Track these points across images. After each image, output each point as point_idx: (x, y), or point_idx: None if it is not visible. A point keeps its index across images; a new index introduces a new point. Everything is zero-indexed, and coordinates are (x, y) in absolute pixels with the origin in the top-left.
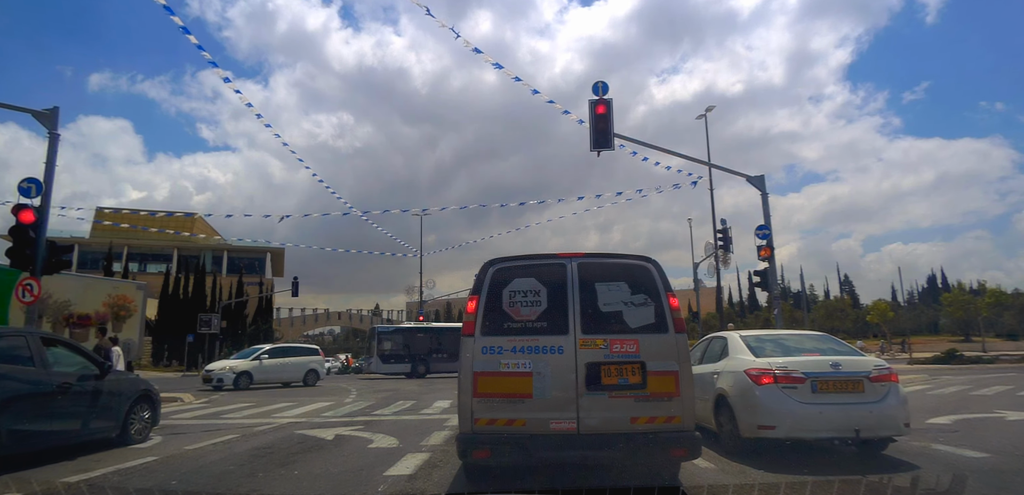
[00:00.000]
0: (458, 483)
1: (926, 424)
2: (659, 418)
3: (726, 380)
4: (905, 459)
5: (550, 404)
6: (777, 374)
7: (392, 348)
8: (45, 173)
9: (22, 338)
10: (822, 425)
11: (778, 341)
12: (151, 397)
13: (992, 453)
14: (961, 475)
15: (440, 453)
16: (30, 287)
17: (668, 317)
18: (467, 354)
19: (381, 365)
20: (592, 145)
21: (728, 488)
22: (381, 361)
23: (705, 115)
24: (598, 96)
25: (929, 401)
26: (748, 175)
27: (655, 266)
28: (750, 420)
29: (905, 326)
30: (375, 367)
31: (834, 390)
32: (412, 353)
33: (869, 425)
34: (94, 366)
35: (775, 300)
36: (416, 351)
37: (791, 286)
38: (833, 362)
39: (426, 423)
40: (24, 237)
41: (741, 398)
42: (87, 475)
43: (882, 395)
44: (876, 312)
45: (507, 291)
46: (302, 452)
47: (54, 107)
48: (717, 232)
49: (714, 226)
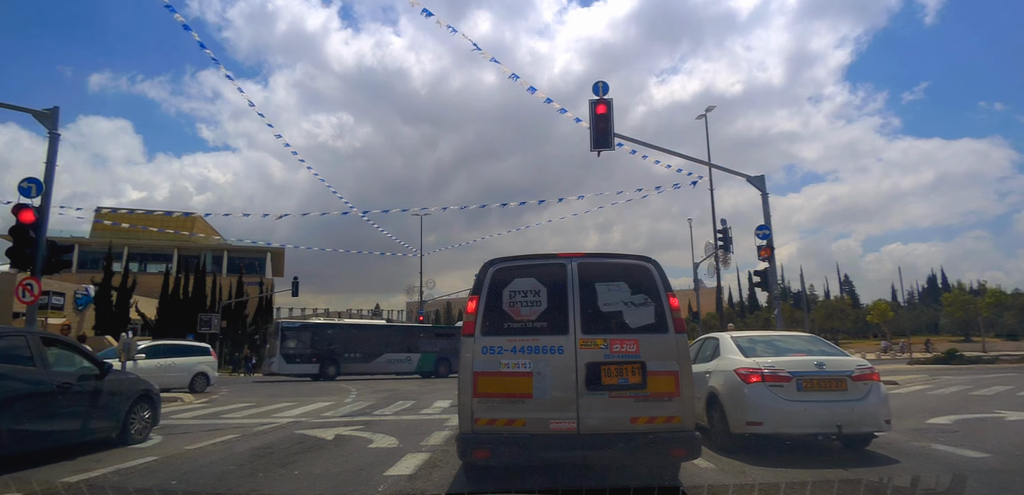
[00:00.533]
0: (458, 483)
1: (926, 424)
2: (659, 418)
3: (717, 379)
4: (893, 456)
5: (550, 404)
6: (765, 373)
7: (298, 346)
8: (45, 173)
9: (22, 338)
10: (807, 421)
11: (768, 342)
12: (151, 397)
13: (992, 453)
14: (961, 475)
15: (440, 453)
16: (30, 287)
17: (668, 317)
18: (467, 354)
19: (284, 365)
20: (592, 145)
21: (728, 488)
22: (285, 361)
23: (705, 115)
24: (598, 96)
25: (929, 401)
26: (748, 175)
27: (655, 266)
28: (739, 416)
29: (905, 326)
30: (277, 367)
31: (818, 388)
32: (321, 352)
33: (851, 421)
34: (94, 366)
35: (775, 300)
36: (326, 350)
37: (791, 286)
38: (818, 362)
39: (426, 423)
40: (24, 237)
41: (731, 396)
42: (87, 475)
43: (864, 393)
44: (876, 312)
45: (507, 291)
46: (302, 452)
47: (54, 107)
48: (717, 232)
49: (714, 226)
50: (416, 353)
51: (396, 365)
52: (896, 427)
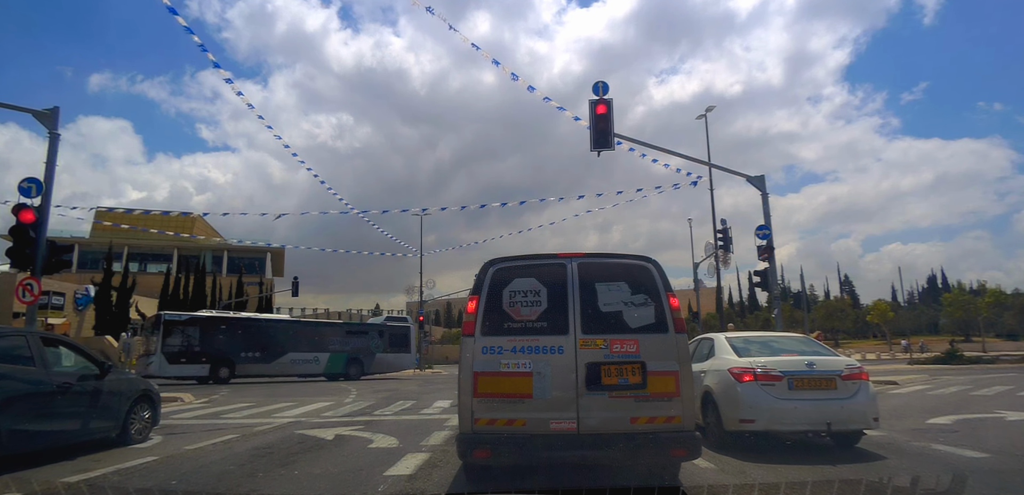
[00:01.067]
0: (458, 483)
1: (926, 424)
2: (659, 418)
3: (712, 378)
4: (893, 456)
5: (550, 404)
6: (757, 372)
7: (184, 343)
8: (45, 173)
9: (22, 338)
10: (797, 419)
11: (761, 342)
12: (151, 397)
13: (992, 453)
14: (961, 475)
15: (440, 453)
16: (30, 287)
17: (668, 317)
18: (467, 354)
19: (166, 366)
20: (592, 145)
21: (728, 488)
22: (166, 361)
23: (705, 115)
24: (598, 96)
25: (929, 401)
26: (748, 175)
27: (655, 266)
28: (732, 414)
29: (905, 326)
30: (157, 369)
31: (809, 387)
32: (212, 351)
33: (840, 419)
34: (94, 366)
35: (775, 300)
36: (218, 348)
37: (791, 286)
38: (808, 361)
39: (426, 423)
40: (24, 237)
41: (724, 394)
42: (87, 475)
43: (853, 392)
44: (876, 312)
45: (507, 291)
46: (302, 452)
47: (54, 107)
48: (717, 232)
49: (714, 226)
50: (324, 353)
51: (301, 366)
52: (896, 427)
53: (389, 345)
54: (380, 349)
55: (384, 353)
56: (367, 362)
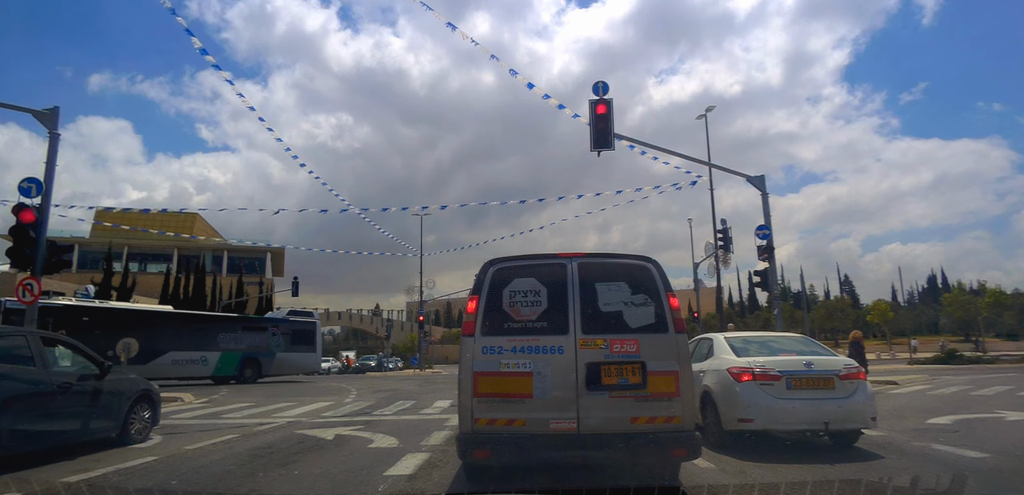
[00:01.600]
0: (458, 483)
1: (926, 424)
2: (659, 418)
3: (711, 378)
4: (892, 456)
5: (550, 404)
6: (756, 372)
7: None
8: (45, 173)
9: (22, 338)
10: (795, 418)
11: (760, 342)
12: (151, 397)
13: (992, 453)
14: (961, 475)
15: (440, 453)
16: (30, 287)
17: (668, 317)
18: (467, 354)
19: None
20: (592, 145)
21: (728, 488)
22: None
23: (705, 115)
24: (598, 96)
25: (929, 401)
26: (748, 175)
27: (655, 266)
28: (731, 414)
29: (905, 326)
30: None
31: (807, 386)
32: None
33: (838, 419)
34: (94, 366)
35: (775, 300)
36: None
37: (791, 286)
38: (807, 361)
39: (426, 423)
40: (24, 237)
41: (723, 394)
42: (87, 475)
43: (850, 391)
44: (876, 312)
45: (507, 291)
46: (302, 452)
47: (54, 107)
48: (717, 232)
49: (714, 226)
50: (214, 352)
51: (184, 368)
52: (896, 427)
53: (291, 344)
54: (281, 348)
55: (286, 353)
56: (266, 363)
